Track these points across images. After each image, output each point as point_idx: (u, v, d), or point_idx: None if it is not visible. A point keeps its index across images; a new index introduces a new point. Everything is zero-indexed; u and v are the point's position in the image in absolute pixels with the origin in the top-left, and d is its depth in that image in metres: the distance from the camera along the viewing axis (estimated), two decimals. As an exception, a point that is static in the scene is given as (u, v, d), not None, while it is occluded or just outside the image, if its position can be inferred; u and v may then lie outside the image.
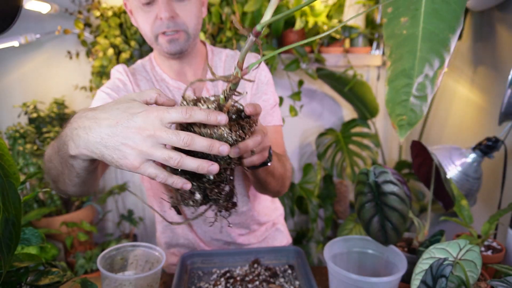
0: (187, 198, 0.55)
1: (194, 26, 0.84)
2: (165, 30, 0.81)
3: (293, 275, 0.94)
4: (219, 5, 1.69)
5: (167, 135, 0.48)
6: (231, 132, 0.52)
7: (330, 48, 1.82)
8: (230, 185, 0.59)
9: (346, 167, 1.81)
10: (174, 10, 0.80)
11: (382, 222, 0.74)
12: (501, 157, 1.18)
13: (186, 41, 0.84)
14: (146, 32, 0.83)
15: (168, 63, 0.91)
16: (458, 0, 0.47)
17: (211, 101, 0.54)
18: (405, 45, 0.51)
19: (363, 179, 0.75)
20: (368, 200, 0.74)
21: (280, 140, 0.95)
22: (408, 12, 0.50)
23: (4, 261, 0.52)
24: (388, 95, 0.55)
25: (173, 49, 0.83)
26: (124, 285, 0.77)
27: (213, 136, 0.51)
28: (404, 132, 0.53)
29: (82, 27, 1.89)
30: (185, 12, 0.81)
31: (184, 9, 0.81)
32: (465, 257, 0.65)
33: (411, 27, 0.50)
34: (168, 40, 0.82)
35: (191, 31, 0.84)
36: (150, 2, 0.79)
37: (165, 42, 0.82)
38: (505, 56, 1.28)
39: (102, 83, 1.84)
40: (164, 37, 0.82)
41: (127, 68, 0.93)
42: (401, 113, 0.54)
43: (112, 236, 2.13)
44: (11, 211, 0.52)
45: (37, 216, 1.34)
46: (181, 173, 0.53)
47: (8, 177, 0.52)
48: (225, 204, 0.58)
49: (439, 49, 0.50)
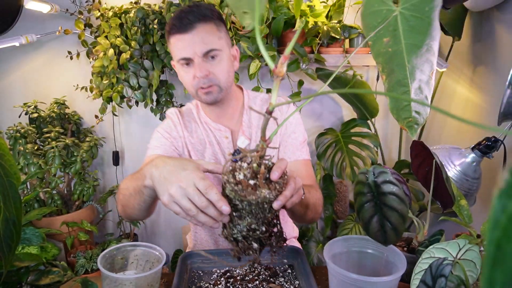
0: (247, 248, 0.66)
1: (226, 80, 1.00)
2: (202, 86, 0.98)
3: (293, 274, 0.94)
4: (219, 5, 1.69)
5: (193, 193, 0.64)
6: (270, 191, 0.63)
7: (329, 49, 1.82)
8: (278, 226, 0.69)
9: (345, 167, 1.81)
10: (208, 69, 0.97)
11: (382, 222, 0.74)
12: (500, 157, 1.18)
13: (219, 93, 1.01)
14: (188, 87, 1.02)
15: (209, 108, 1.10)
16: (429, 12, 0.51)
17: (245, 169, 0.64)
18: (393, 60, 0.56)
19: (363, 179, 0.75)
20: (367, 200, 0.75)
21: (310, 172, 1.09)
22: (388, 33, 0.55)
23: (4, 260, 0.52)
24: (390, 104, 0.59)
25: (209, 100, 1.01)
26: (124, 284, 0.78)
27: (258, 199, 0.62)
28: (414, 131, 0.57)
29: (83, 28, 1.89)
30: (217, 69, 0.98)
31: (216, 66, 0.98)
32: (464, 257, 0.66)
33: (394, 45, 0.55)
34: (205, 93, 1.00)
35: (223, 84, 1.00)
36: (189, 63, 0.98)
37: (203, 94, 1.00)
38: (504, 56, 1.28)
39: (103, 83, 1.84)
40: (201, 91, 1.00)
41: (178, 111, 1.13)
42: (406, 116, 0.58)
43: (112, 236, 2.13)
44: (12, 210, 0.52)
45: (38, 216, 1.34)
46: (243, 224, 0.65)
47: (9, 177, 0.52)
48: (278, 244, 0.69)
49: (425, 56, 0.54)
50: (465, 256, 0.65)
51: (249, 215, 0.64)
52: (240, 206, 0.63)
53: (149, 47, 1.79)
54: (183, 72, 1.00)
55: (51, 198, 1.87)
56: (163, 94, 1.90)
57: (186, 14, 0.93)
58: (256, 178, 0.64)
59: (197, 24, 0.93)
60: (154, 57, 1.80)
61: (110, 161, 2.19)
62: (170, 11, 1.67)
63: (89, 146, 1.94)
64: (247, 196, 0.62)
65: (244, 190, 0.62)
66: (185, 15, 0.93)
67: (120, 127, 2.16)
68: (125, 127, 2.17)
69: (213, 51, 0.96)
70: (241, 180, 0.63)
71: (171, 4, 1.70)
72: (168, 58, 1.77)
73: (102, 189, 2.26)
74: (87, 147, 1.92)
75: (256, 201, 0.62)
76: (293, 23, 1.72)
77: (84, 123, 2.16)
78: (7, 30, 1.74)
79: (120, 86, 1.81)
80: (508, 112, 1.00)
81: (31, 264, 0.69)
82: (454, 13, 1.46)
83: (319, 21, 1.78)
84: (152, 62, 1.79)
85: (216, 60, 0.97)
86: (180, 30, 0.94)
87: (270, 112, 0.56)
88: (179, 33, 0.94)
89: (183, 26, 0.93)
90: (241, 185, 0.62)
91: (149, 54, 1.80)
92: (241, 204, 0.63)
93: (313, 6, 1.80)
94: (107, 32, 1.82)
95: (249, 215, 0.64)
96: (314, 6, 1.80)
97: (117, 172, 2.21)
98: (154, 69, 1.80)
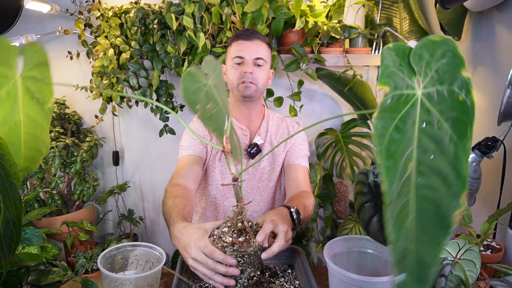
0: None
1: (262, 85, 1.25)
2: (244, 80, 1.22)
3: (293, 274, 0.94)
4: (219, 5, 1.69)
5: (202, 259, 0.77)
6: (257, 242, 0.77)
7: (329, 49, 1.82)
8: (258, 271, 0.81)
9: (345, 167, 1.81)
10: (254, 70, 1.22)
11: (382, 222, 0.74)
12: (500, 157, 1.18)
13: (255, 91, 1.24)
14: (232, 81, 1.24)
15: (239, 108, 1.31)
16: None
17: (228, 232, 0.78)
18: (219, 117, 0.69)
19: (363, 179, 0.75)
20: (367, 200, 0.75)
21: (307, 180, 1.29)
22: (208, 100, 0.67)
23: (5, 260, 0.52)
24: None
25: (247, 93, 1.23)
26: (124, 284, 0.78)
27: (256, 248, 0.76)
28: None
29: (83, 28, 1.89)
30: (259, 74, 1.24)
31: (259, 72, 1.24)
32: (464, 257, 0.66)
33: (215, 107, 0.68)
34: (245, 86, 1.22)
35: (260, 86, 1.25)
36: (240, 63, 1.23)
37: (242, 87, 1.22)
38: (504, 57, 1.28)
39: (103, 83, 1.84)
40: (242, 84, 1.22)
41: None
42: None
43: (112, 236, 2.13)
44: (12, 210, 0.52)
45: (38, 216, 1.34)
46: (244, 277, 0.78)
47: (9, 177, 0.52)
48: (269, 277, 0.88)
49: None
50: (465, 256, 0.66)
51: (249, 266, 0.76)
52: (242, 261, 0.75)
53: (149, 47, 1.79)
54: (233, 69, 1.23)
55: (51, 198, 1.87)
56: (163, 94, 1.90)
57: (252, 31, 1.26)
58: (242, 235, 0.77)
59: (257, 39, 1.23)
60: (154, 57, 1.80)
61: (110, 161, 2.19)
62: (170, 11, 1.67)
63: (89, 146, 1.94)
64: (247, 250, 0.74)
65: (241, 247, 0.74)
66: (252, 31, 1.25)
67: (120, 127, 2.16)
68: (125, 127, 2.17)
69: (261, 60, 1.23)
70: (233, 241, 0.76)
71: (171, 4, 1.70)
72: (167, 58, 1.77)
73: (102, 189, 2.26)
74: (87, 147, 1.92)
75: (254, 250, 0.75)
76: (293, 23, 1.72)
77: (84, 123, 2.16)
78: (7, 30, 1.74)
79: (120, 86, 1.81)
80: (508, 112, 1.00)
81: (31, 264, 0.69)
82: (454, 13, 1.45)
83: (319, 21, 1.78)
84: (152, 62, 1.79)
85: (261, 68, 1.24)
86: (245, 38, 1.23)
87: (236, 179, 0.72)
88: (243, 39, 1.23)
89: (247, 36, 1.23)
90: (236, 245, 0.74)
91: (149, 54, 1.80)
92: (242, 259, 0.75)
93: (313, 6, 1.80)
94: (107, 32, 1.82)
95: (248, 266, 0.76)
96: (314, 6, 1.80)
97: (117, 172, 2.21)
98: (154, 69, 1.80)
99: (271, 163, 1.33)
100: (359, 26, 1.82)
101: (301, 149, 1.34)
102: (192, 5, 1.66)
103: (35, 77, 0.49)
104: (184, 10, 1.68)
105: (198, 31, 1.69)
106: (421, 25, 1.76)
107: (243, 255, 0.74)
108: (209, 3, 1.69)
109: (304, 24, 1.71)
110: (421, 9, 1.80)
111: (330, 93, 2.08)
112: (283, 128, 1.37)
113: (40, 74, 0.49)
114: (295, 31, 1.75)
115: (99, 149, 2.08)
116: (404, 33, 1.81)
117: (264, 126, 1.36)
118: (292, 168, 1.30)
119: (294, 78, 1.90)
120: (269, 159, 1.32)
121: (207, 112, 0.66)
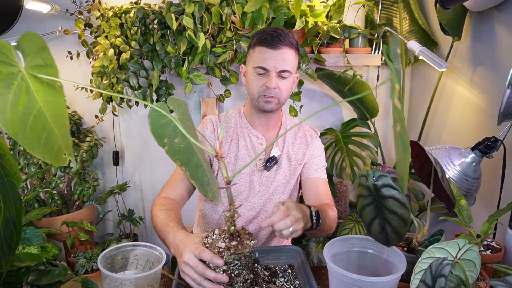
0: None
1: (285, 97, 1.17)
2: (266, 94, 1.13)
3: (293, 274, 0.94)
4: (219, 5, 1.69)
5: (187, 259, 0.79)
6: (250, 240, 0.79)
7: (329, 49, 1.82)
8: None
9: (345, 167, 1.81)
10: (278, 84, 1.12)
11: (383, 225, 0.74)
12: (500, 157, 1.18)
13: (277, 105, 1.16)
14: (253, 91, 1.15)
15: (257, 116, 1.23)
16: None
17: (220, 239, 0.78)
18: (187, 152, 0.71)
19: (363, 182, 0.75)
20: (368, 203, 0.75)
21: (328, 192, 1.24)
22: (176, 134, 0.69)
23: (5, 260, 0.52)
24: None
25: (267, 108, 1.15)
26: (124, 284, 0.78)
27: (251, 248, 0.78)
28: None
29: (83, 28, 1.89)
30: (283, 87, 1.14)
31: (284, 84, 1.13)
32: (464, 257, 0.66)
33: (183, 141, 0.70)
34: (266, 101, 1.14)
35: (282, 100, 1.16)
36: (263, 73, 1.12)
37: (263, 101, 1.14)
38: (504, 56, 1.28)
39: (103, 83, 1.84)
40: (263, 98, 1.14)
41: (217, 119, 1.27)
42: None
43: (112, 236, 2.13)
44: (12, 210, 0.52)
45: (38, 216, 1.34)
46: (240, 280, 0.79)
47: (9, 177, 0.52)
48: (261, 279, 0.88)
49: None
50: (465, 256, 0.66)
51: (244, 268, 0.77)
52: (238, 263, 0.75)
53: (149, 47, 1.79)
54: (255, 78, 1.14)
55: (51, 198, 1.87)
56: (163, 94, 1.90)
57: (278, 35, 1.10)
58: (234, 239, 0.77)
59: (284, 46, 1.10)
60: (154, 57, 1.80)
61: (110, 161, 2.20)
62: (170, 11, 1.68)
63: (89, 146, 1.94)
64: (243, 251, 0.75)
65: (237, 249, 0.75)
66: (277, 35, 1.10)
67: (120, 127, 2.17)
68: (125, 127, 2.17)
69: (287, 72, 1.12)
70: (227, 245, 0.76)
71: (171, 4, 1.70)
72: (168, 58, 1.77)
73: (102, 189, 2.26)
74: (87, 147, 1.92)
75: (249, 251, 0.76)
76: (293, 23, 1.72)
77: (84, 123, 2.16)
78: (7, 30, 1.74)
79: (120, 86, 1.81)
80: (508, 112, 1.00)
81: (31, 264, 0.69)
82: (454, 13, 1.45)
83: (319, 21, 1.78)
84: (152, 62, 1.79)
85: (286, 79, 1.14)
86: (271, 45, 1.09)
87: (229, 181, 0.72)
88: (268, 47, 1.10)
89: (274, 43, 1.09)
90: (232, 248, 0.75)
91: (149, 54, 1.80)
92: (239, 262, 0.75)
93: (313, 6, 1.80)
94: (107, 32, 1.82)
95: (244, 269, 0.77)
96: (314, 6, 1.80)
97: (117, 172, 2.21)
98: (154, 69, 1.80)
99: (287, 176, 1.24)
100: (359, 26, 1.82)
101: (320, 161, 1.27)
102: (192, 5, 1.66)
103: (39, 64, 0.51)
104: (184, 10, 1.68)
105: (198, 31, 1.69)
106: (421, 25, 1.76)
107: (240, 257, 0.75)
108: (209, 3, 1.69)
109: (304, 24, 1.71)
110: (421, 9, 1.80)
111: (330, 93, 2.08)
112: (301, 138, 1.28)
113: (42, 60, 0.51)
114: (295, 31, 1.75)
115: (99, 149, 2.08)
116: (404, 33, 1.81)
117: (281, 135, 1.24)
118: (312, 182, 1.23)
119: (294, 78, 1.90)
120: (285, 172, 1.23)
121: (175, 145, 0.68)
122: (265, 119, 1.23)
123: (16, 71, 0.49)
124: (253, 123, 1.25)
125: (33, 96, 0.50)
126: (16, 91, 0.48)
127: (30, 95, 0.49)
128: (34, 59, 0.50)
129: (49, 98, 0.52)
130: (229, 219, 0.77)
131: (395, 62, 0.56)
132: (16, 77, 0.48)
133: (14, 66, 0.49)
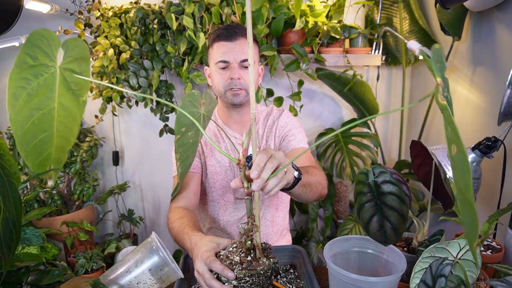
0: None
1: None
2: (232, 87, 1.13)
3: (294, 274, 0.94)
4: (219, 5, 1.69)
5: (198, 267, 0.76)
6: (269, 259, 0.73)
7: (329, 49, 1.82)
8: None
9: (345, 167, 1.82)
10: (241, 74, 1.12)
11: (382, 222, 0.74)
12: (500, 157, 1.18)
13: (245, 97, 1.15)
14: (219, 88, 1.15)
15: (229, 113, 1.22)
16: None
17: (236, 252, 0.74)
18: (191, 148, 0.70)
19: (363, 179, 0.75)
20: (367, 200, 0.75)
21: (310, 157, 1.18)
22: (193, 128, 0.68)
23: (4, 260, 0.52)
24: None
25: (236, 101, 1.14)
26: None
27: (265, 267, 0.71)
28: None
29: (83, 28, 1.89)
30: (247, 77, 1.11)
31: (247, 75, 1.12)
32: (464, 257, 0.66)
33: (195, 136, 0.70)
34: (233, 94, 1.13)
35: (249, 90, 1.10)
36: (225, 68, 1.12)
37: (231, 95, 1.14)
38: (504, 56, 1.28)
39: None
40: (231, 92, 1.13)
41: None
42: None
43: (112, 236, 2.13)
44: (12, 210, 0.52)
45: (38, 216, 1.34)
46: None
47: (9, 177, 0.52)
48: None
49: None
50: (465, 256, 0.65)
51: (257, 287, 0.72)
52: (250, 281, 0.70)
53: (149, 47, 1.79)
54: (218, 75, 1.14)
55: (51, 198, 1.87)
56: (163, 94, 1.90)
57: (232, 28, 1.12)
58: (250, 254, 0.73)
59: (240, 37, 1.11)
60: (154, 57, 1.80)
61: (110, 161, 2.19)
62: (170, 11, 1.67)
63: (89, 146, 1.94)
64: (256, 269, 0.70)
65: (250, 265, 0.70)
66: (232, 28, 1.12)
67: (120, 127, 2.17)
68: (125, 127, 2.17)
69: (248, 61, 1.09)
70: (241, 259, 0.71)
71: (171, 4, 1.70)
72: (167, 58, 1.77)
73: (102, 189, 2.26)
74: (87, 147, 1.92)
75: (264, 270, 0.70)
76: (293, 23, 1.72)
77: (84, 123, 2.16)
78: (7, 30, 1.74)
79: (120, 86, 1.81)
80: (508, 112, 1.00)
81: (31, 264, 0.69)
82: (454, 13, 1.45)
83: (319, 21, 1.78)
84: (152, 62, 1.79)
85: (247, 69, 1.12)
86: (226, 38, 1.10)
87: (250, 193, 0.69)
88: (225, 40, 1.11)
89: (229, 36, 1.10)
90: (245, 263, 0.70)
91: (149, 54, 1.80)
92: (250, 279, 0.70)
93: (313, 6, 1.80)
94: (107, 32, 1.82)
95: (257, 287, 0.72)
96: (314, 6, 1.80)
97: (117, 172, 2.21)
98: (154, 69, 1.80)
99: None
100: (359, 26, 1.82)
101: (293, 134, 1.20)
102: (192, 5, 1.66)
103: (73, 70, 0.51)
104: (184, 10, 1.68)
105: (198, 31, 1.69)
106: (421, 25, 1.76)
107: (252, 274, 0.70)
108: (209, 3, 1.69)
109: (304, 24, 1.71)
110: (421, 9, 1.80)
111: (330, 93, 2.08)
112: (269, 125, 1.24)
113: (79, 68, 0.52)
114: (295, 31, 1.75)
115: (99, 149, 2.08)
116: (404, 33, 1.81)
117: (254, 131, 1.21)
118: (291, 154, 1.16)
119: (294, 78, 1.90)
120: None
121: (186, 138, 0.66)
122: (238, 116, 1.22)
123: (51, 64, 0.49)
124: (228, 123, 1.24)
125: (53, 95, 0.49)
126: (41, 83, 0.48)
127: (51, 93, 0.49)
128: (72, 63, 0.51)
129: (67, 105, 0.51)
130: (246, 232, 0.72)
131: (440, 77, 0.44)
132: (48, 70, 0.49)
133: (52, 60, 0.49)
